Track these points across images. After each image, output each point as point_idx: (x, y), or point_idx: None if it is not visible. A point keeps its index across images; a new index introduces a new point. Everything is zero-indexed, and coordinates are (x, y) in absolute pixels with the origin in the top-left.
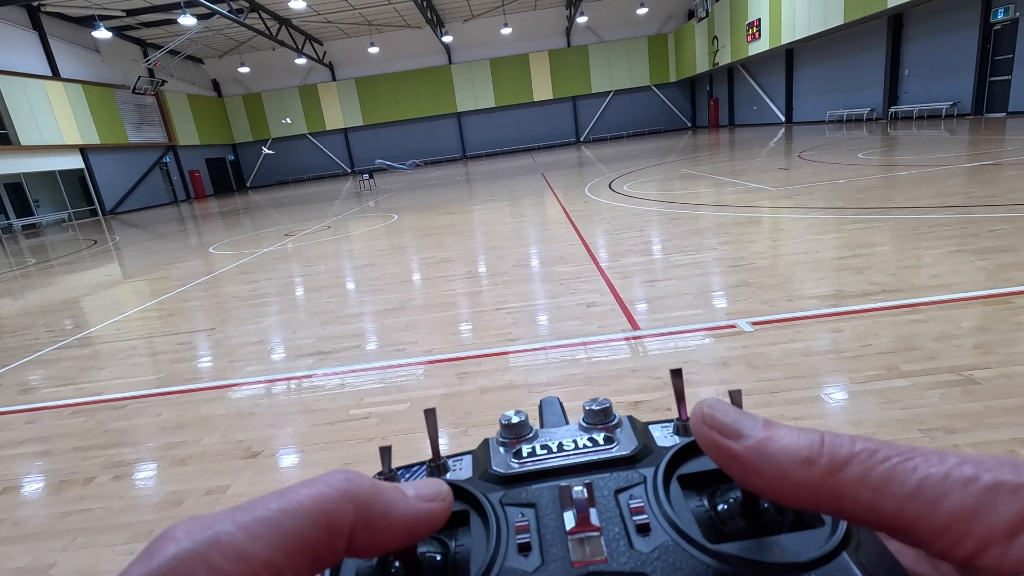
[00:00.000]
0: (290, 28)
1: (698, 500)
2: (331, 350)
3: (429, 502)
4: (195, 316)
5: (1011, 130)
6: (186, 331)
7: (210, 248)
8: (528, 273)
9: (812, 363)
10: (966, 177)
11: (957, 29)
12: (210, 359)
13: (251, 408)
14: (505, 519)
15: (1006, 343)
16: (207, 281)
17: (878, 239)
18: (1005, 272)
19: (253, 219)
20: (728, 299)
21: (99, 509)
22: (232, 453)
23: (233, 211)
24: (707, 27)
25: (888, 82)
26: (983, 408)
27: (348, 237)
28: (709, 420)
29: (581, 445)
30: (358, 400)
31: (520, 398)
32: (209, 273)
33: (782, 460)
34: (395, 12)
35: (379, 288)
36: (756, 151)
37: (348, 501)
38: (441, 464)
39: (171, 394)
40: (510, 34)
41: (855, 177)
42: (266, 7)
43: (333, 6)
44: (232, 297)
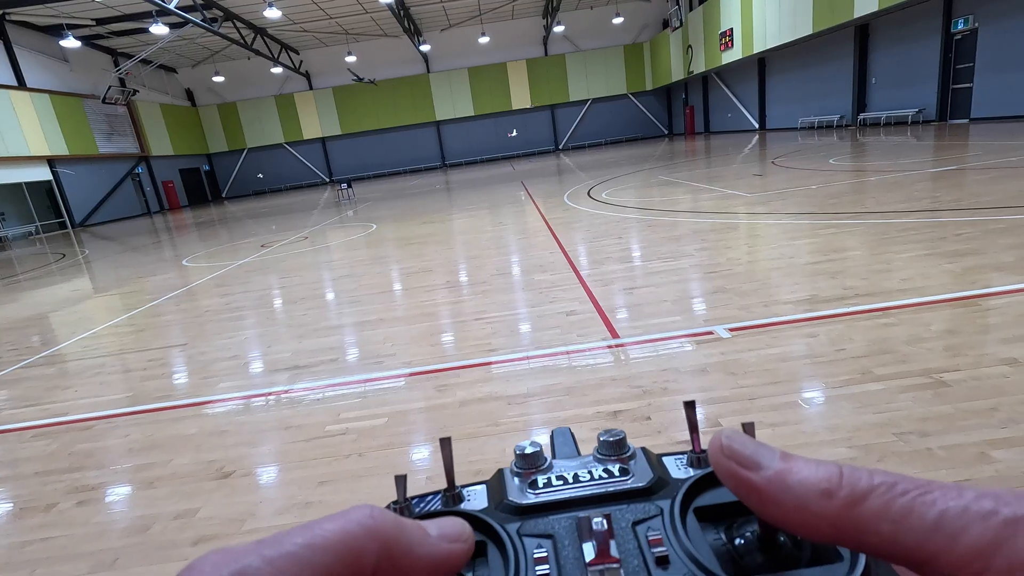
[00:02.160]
0: (266, 37)
1: (715, 533)
2: (308, 364)
3: (451, 543)
4: (167, 331)
5: (974, 135)
6: (157, 347)
7: (184, 260)
8: (508, 282)
9: (789, 368)
10: (932, 182)
11: (920, 39)
12: (182, 376)
13: (224, 426)
14: (523, 550)
15: (974, 345)
16: (180, 295)
17: (850, 244)
18: (971, 275)
19: (229, 230)
20: (706, 305)
21: (61, 537)
22: (203, 474)
23: (208, 222)
24: (681, 36)
25: (856, 90)
26: (954, 411)
27: (326, 248)
28: (728, 451)
29: (597, 476)
30: (335, 415)
31: (500, 410)
32: (182, 286)
33: (801, 492)
34: (372, 21)
35: (357, 299)
36: (731, 158)
37: (372, 539)
38: (456, 494)
39: (140, 413)
40: (488, 43)
41: (827, 183)
42: (241, 16)
43: (309, 15)
44: (206, 311)
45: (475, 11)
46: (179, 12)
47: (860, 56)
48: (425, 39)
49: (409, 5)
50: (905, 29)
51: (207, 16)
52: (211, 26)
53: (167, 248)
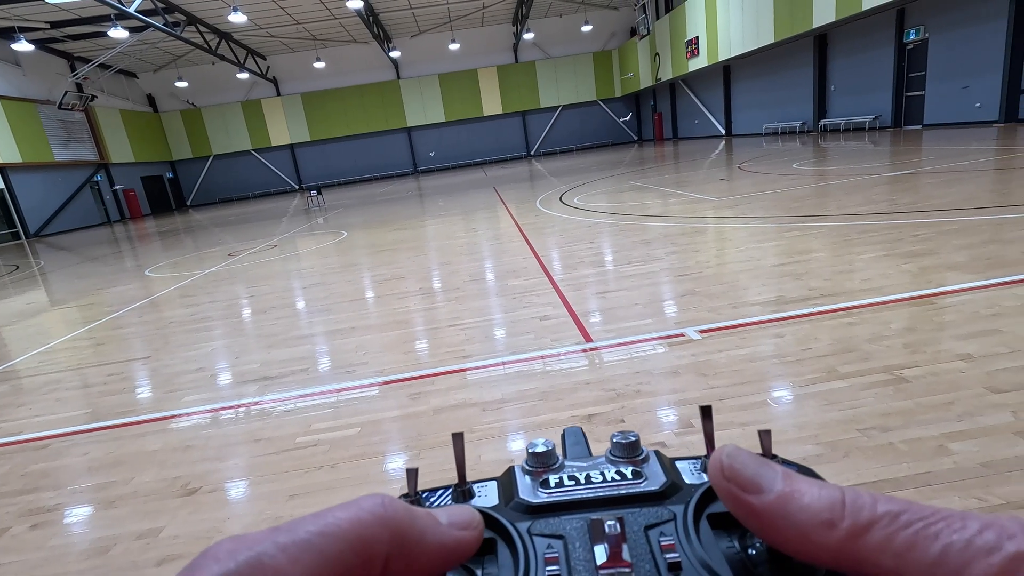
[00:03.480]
0: (231, 42)
1: (728, 541)
2: (277, 375)
3: (461, 530)
4: (129, 344)
5: (927, 141)
6: (118, 360)
7: (146, 271)
8: (481, 288)
9: (757, 368)
10: (889, 186)
11: (875, 48)
12: (145, 390)
13: (189, 441)
14: (534, 550)
15: (931, 342)
16: (143, 306)
17: (814, 246)
18: (928, 275)
19: (194, 239)
20: (677, 308)
21: (14, 563)
22: (167, 491)
23: (172, 231)
24: (649, 44)
25: (817, 97)
26: (914, 405)
27: (296, 255)
28: (728, 472)
29: (609, 478)
30: (306, 427)
31: (474, 416)
32: (145, 297)
33: (802, 520)
34: (341, 27)
35: (328, 308)
36: (699, 163)
37: (384, 527)
38: (467, 489)
39: (100, 430)
40: (458, 50)
41: (791, 187)
42: (204, 20)
43: (276, 20)
44: (170, 322)
45: (445, 18)
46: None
47: (820, 65)
48: (395, 45)
49: (378, 11)
50: (861, 39)
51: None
52: (173, 30)
53: (128, 258)
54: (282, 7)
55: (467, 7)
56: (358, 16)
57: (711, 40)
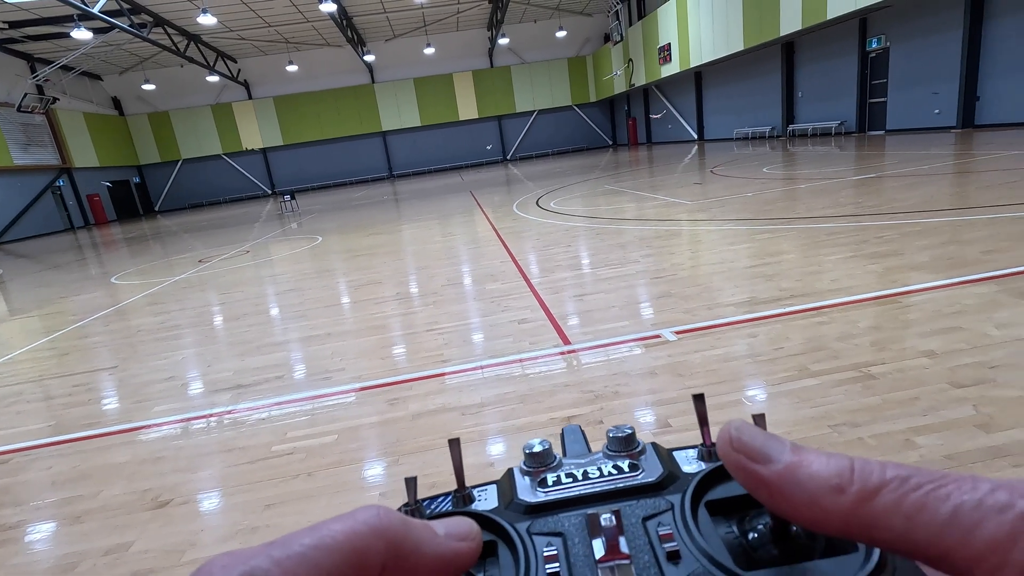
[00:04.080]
0: (200, 44)
1: (727, 526)
2: (251, 383)
3: (459, 541)
4: (95, 353)
5: (889, 146)
6: (83, 371)
7: (112, 278)
8: (459, 292)
9: (732, 368)
10: (855, 189)
11: (840, 56)
12: (112, 401)
13: (160, 452)
14: (533, 549)
15: (897, 339)
16: (109, 314)
17: (784, 247)
18: (892, 275)
19: (163, 245)
20: (653, 310)
21: None
22: (137, 504)
23: (140, 237)
24: (622, 50)
25: (785, 103)
26: (881, 401)
27: (269, 261)
28: (736, 444)
29: (606, 473)
30: (281, 435)
31: (454, 421)
32: (112, 305)
33: (812, 487)
34: (314, 30)
35: (303, 314)
36: (673, 167)
37: (379, 538)
38: (466, 494)
39: (65, 443)
40: (433, 54)
41: (761, 190)
42: (172, 22)
43: (246, 23)
44: (138, 330)
45: (420, 22)
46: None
47: (787, 71)
48: (369, 49)
49: (352, 15)
50: (826, 47)
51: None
52: (140, 32)
53: (93, 265)
54: (253, 10)
55: (442, 12)
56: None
57: (683, 47)
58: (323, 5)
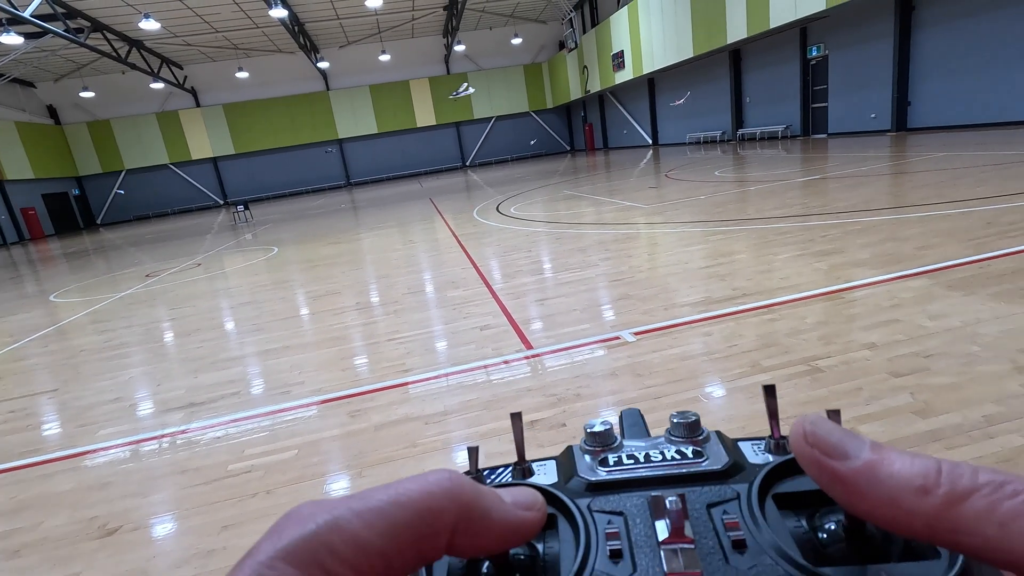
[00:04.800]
0: (143, 50)
1: (796, 521)
2: (205, 400)
3: (525, 510)
4: (33, 376)
5: (832, 148)
6: (19, 396)
7: (51, 296)
8: (420, 300)
9: (689, 366)
10: (801, 190)
11: (784, 63)
12: (53, 425)
13: (107, 478)
14: (594, 525)
15: (842, 333)
16: (48, 334)
17: (736, 248)
18: (837, 271)
19: (107, 260)
20: (612, 312)
21: None
22: (82, 534)
23: (81, 252)
24: (577, 57)
25: (734, 108)
26: (828, 393)
27: (222, 274)
28: (811, 438)
29: (669, 457)
30: (238, 453)
31: (417, 431)
32: (50, 325)
33: (893, 486)
34: (264, 36)
35: (259, 327)
36: (629, 172)
37: (451, 501)
38: (526, 467)
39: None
40: (389, 61)
41: (714, 193)
42: (112, 27)
43: (192, 28)
44: (81, 351)
45: (374, 28)
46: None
47: (736, 78)
48: (323, 56)
49: (304, 21)
50: (770, 54)
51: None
52: (76, 37)
53: (29, 283)
54: (199, 15)
55: (396, 18)
56: (283, 26)
57: (635, 54)
58: (273, 11)
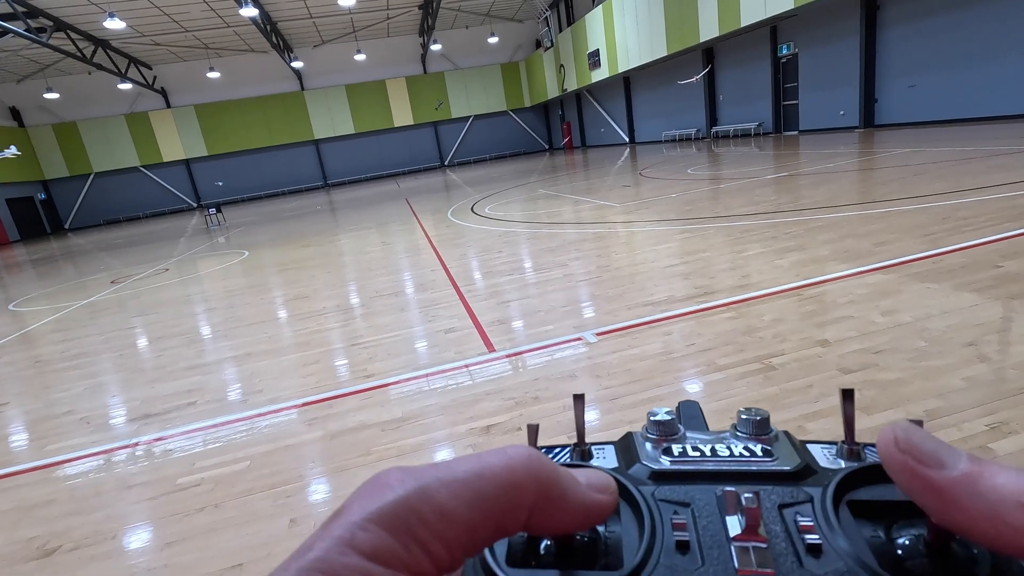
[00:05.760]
0: (109, 50)
1: (872, 530)
2: (160, 411)
3: (599, 493)
4: None
5: (803, 146)
6: None
7: (10, 305)
8: (387, 304)
9: (646, 366)
10: (770, 187)
11: (755, 61)
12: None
13: (49, 496)
14: (660, 514)
15: (796, 331)
16: (5, 345)
17: (702, 246)
18: (797, 268)
19: (74, 265)
20: (576, 313)
21: None
22: (19, 555)
23: (46, 258)
24: (554, 56)
25: (708, 106)
26: (779, 391)
27: (191, 279)
28: (904, 444)
29: (737, 453)
30: (189, 466)
31: (372, 438)
32: (8, 335)
33: (995, 499)
34: (235, 36)
35: (225, 334)
36: (605, 170)
37: (532, 478)
38: (585, 450)
39: None
40: (365, 60)
41: (685, 191)
42: (76, 27)
43: (160, 27)
44: (36, 362)
45: (349, 28)
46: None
47: (709, 76)
48: (297, 55)
49: (276, 20)
50: (742, 53)
51: (32, 25)
52: (39, 37)
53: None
54: (167, 14)
55: (371, 17)
56: (254, 24)
57: (611, 52)
58: (243, 10)
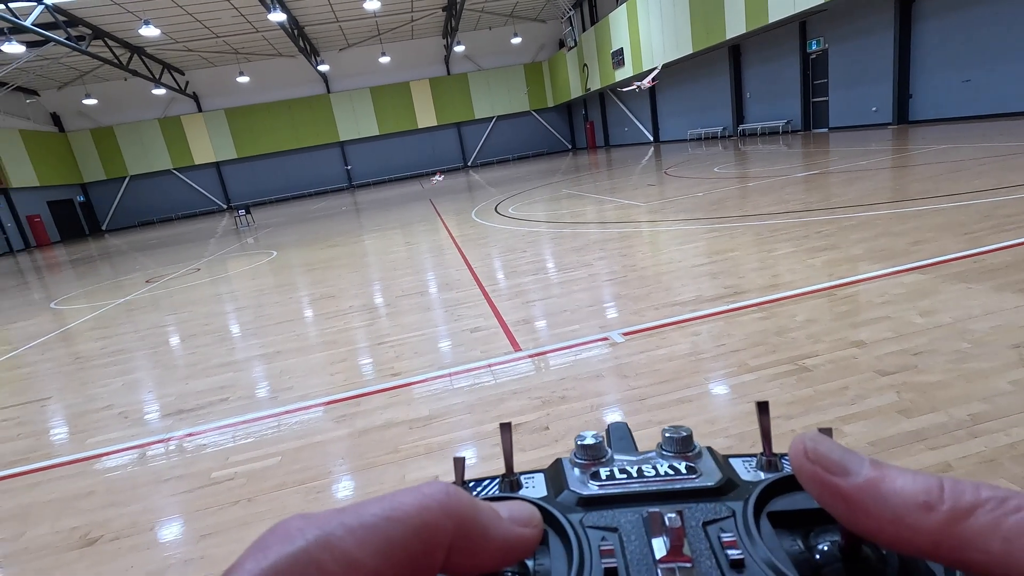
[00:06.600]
0: (144, 57)
1: (791, 540)
2: (194, 407)
3: (522, 527)
4: (27, 385)
5: (832, 143)
6: (14, 404)
7: (52, 303)
8: (413, 303)
9: (674, 367)
10: (799, 185)
11: (783, 58)
12: (43, 434)
13: (90, 487)
14: (588, 542)
15: (830, 331)
16: (47, 341)
17: (730, 245)
18: (829, 268)
19: (111, 265)
20: (603, 313)
21: None
22: (63, 544)
23: (85, 258)
24: (577, 55)
25: (735, 103)
26: (813, 393)
27: (221, 279)
28: (813, 454)
29: (662, 472)
30: (222, 460)
31: (400, 436)
32: (50, 332)
33: (897, 503)
34: (264, 41)
35: (254, 332)
36: (629, 169)
37: (448, 516)
38: (514, 480)
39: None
40: (389, 63)
41: (712, 190)
42: (113, 34)
43: (192, 34)
44: (77, 358)
45: (374, 31)
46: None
47: (736, 73)
48: (323, 59)
49: (303, 24)
50: (770, 49)
51: (72, 34)
52: (78, 45)
53: (34, 290)
54: (199, 20)
55: (396, 20)
56: (282, 29)
57: (635, 51)
58: (272, 15)
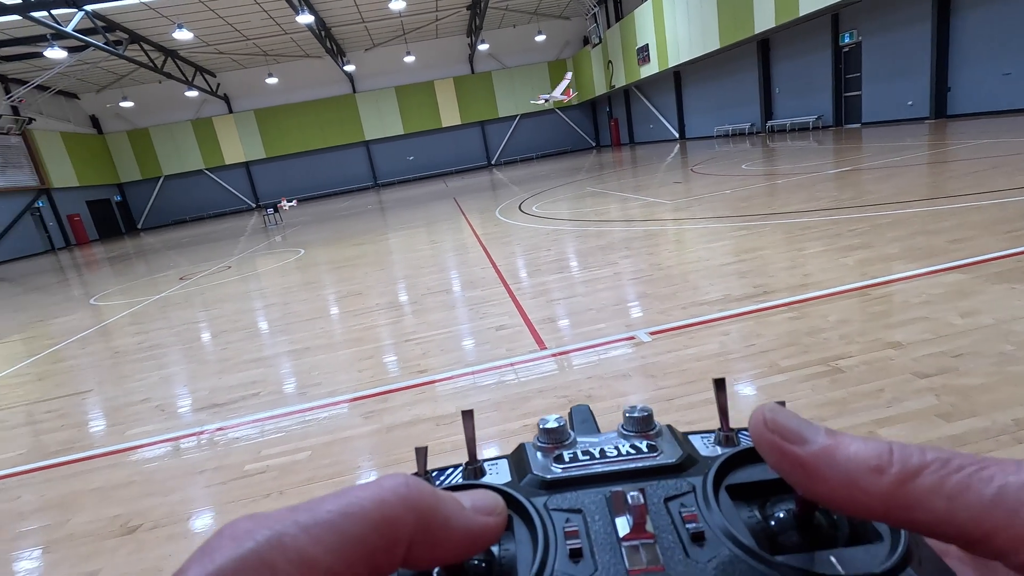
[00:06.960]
0: (177, 60)
1: (748, 511)
2: (227, 401)
3: (486, 516)
4: (70, 377)
5: (865, 139)
6: (56, 396)
7: (92, 299)
8: (439, 301)
9: (703, 367)
10: (830, 182)
11: (814, 51)
12: (84, 426)
13: (131, 477)
14: (552, 524)
15: (864, 332)
16: (87, 336)
17: (759, 244)
18: (863, 267)
19: (146, 263)
20: (629, 311)
21: None
22: (105, 531)
23: (122, 256)
24: (602, 52)
25: (763, 99)
26: (847, 395)
27: (251, 276)
28: (771, 424)
29: (624, 452)
30: (255, 453)
31: (427, 432)
32: (90, 327)
33: (850, 468)
34: (292, 42)
35: (282, 329)
36: (655, 167)
37: (409, 509)
38: (478, 467)
39: (33, 471)
40: (414, 62)
41: (740, 187)
42: (148, 38)
43: (223, 37)
44: (115, 352)
45: (399, 30)
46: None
47: (764, 68)
48: (349, 59)
49: (330, 25)
50: (801, 43)
51: (110, 39)
52: (115, 49)
53: (74, 287)
54: (230, 23)
55: (420, 20)
56: (309, 31)
57: (660, 47)
58: (300, 17)
